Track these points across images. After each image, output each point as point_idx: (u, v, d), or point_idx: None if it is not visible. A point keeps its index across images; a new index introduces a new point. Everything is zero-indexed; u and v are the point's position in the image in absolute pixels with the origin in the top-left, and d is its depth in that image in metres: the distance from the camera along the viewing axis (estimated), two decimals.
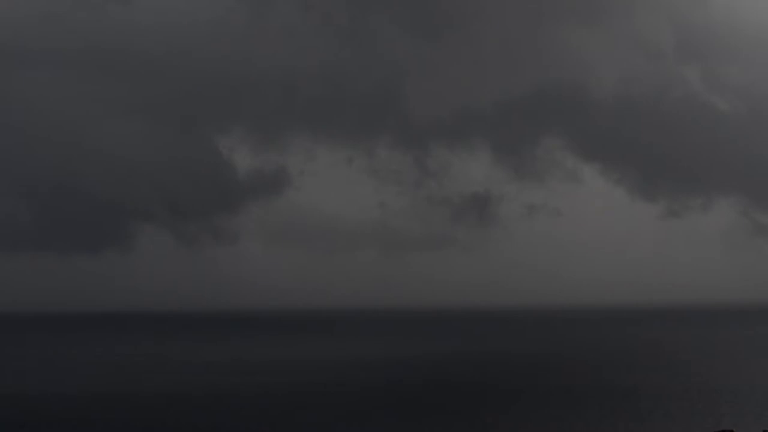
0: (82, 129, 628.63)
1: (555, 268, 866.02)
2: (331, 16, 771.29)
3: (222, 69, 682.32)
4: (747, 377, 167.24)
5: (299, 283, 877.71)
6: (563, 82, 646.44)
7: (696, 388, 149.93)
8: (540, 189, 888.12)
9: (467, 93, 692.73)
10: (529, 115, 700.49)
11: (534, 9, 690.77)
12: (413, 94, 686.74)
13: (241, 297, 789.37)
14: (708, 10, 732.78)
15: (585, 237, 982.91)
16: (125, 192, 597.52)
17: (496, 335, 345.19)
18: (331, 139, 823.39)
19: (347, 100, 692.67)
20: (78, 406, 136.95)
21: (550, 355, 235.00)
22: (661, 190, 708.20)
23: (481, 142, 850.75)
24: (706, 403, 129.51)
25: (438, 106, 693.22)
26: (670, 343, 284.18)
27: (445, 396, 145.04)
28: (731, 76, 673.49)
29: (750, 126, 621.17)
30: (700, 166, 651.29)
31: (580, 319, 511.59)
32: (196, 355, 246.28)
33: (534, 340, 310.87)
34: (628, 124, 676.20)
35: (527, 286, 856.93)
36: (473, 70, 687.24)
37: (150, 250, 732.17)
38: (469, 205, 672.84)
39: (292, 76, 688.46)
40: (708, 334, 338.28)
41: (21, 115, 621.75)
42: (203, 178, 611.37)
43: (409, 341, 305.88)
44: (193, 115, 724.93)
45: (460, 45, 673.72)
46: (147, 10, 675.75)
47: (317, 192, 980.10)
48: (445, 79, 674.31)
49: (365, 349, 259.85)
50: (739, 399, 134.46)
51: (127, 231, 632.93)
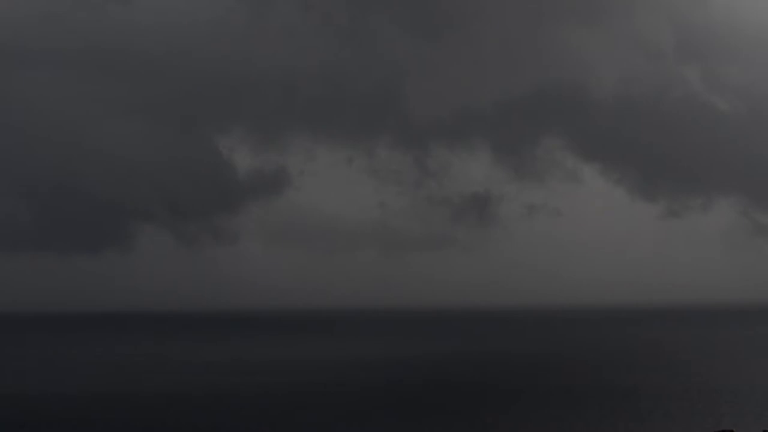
0: (82, 129, 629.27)
1: (555, 268, 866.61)
2: (331, 16, 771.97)
3: (222, 69, 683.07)
4: (747, 377, 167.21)
5: (299, 283, 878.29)
6: (563, 82, 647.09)
7: (696, 388, 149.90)
8: (540, 189, 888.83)
9: (467, 93, 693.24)
10: (529, 115, 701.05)
11: (534, 9, 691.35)
12: (413, 94, 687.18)
13: (241, 297, 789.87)
14: (708, 10, 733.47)
15: (585, 237, 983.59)
16: (125, 192, 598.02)
17: (496, 335, 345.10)
18: (331, 139, 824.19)
19: (347, 100, 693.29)
20: (78, 406, 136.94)
21: (550, 355, 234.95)
22: (661, 190, 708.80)
23: (481, 142, 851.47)
24: (706, 403, 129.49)
25: (438, 106, 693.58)
26: (670, 343, 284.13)
27: (445, 396, 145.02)
28: (731, 76, 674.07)
29: (750, 126, 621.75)
30: (700, 166, 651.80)
31: (580, 319, 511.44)
32: (196, 355, 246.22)
33: (534, 340, 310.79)
34: (628, 124, 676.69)
35: (527, 286, 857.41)
36: (473, 70, 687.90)
37: (150, 250, 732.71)
38: (469, 205, 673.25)
39: (292, 76, 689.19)
40: (708, 334, 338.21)
41: (21, 115, 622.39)
42: (203, 178, 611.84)
43: (409, 341, 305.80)
44: (193, 115, 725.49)
45: (460, 45, 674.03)
46: (147, 10, 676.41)
47: (317, 192, 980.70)
48: (445, 79, 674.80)
49: (365, 349, 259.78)
50: (739, 399, 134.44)
51: (127, 231, 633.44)
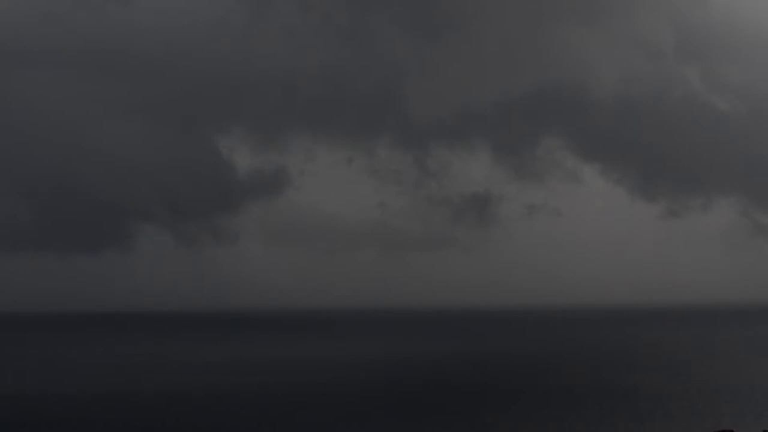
0: (82, 129, 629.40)
1: (555, 268, 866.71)
2: (331, 16, 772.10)
3: (222, 69, 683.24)
4: (747, 377, 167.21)
5: (299, 283, 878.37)
6: (563, 82, 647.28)
7: (696, 388, 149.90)
8: (540, 189, 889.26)
9: (467, 93, 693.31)
10: (529, 115, 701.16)
11: (534, 9, 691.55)
12: (413, 94, 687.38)
13: (241, 297, 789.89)
14: (708, 10, 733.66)
15: (585, 237, 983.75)
16: (125, 192, 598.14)
17: (496, 335, 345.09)
18: (331, 139, 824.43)
19: (347, 100, 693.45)
20: (78, 406, 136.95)
21: (550, 355, 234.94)
22: (661, 190, 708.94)
23: (481, 142, 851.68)
24: (706, 403, 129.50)
25: (438, 106, 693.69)
26: (670, 343, 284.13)
27: (445, 396, 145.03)
28: (731, 76, 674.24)
29: (750, 126, 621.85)
30: (700, 166, 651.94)
31: (580, 319, 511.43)
32: (196, 355, 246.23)
33: (534, 340, 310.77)
34: (628, 124, 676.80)
35: (527, 286, 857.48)
36: (473, 70, 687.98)
37: (150, 250, 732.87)
38: (469, 205, 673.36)
39: (292, 76, 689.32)
40: (708, 334, 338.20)
41: (21, 115, 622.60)
42: (203, 178, 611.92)
43: (409, 341, 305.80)
44: (193, 115, 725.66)
45: (460, 45, 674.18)
46: (147, 10, 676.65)
47: (317, 192, 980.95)
48: (445, 79, 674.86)
49: (365, 349, 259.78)
50: (739, 399, 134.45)
51: (127, 231, 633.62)
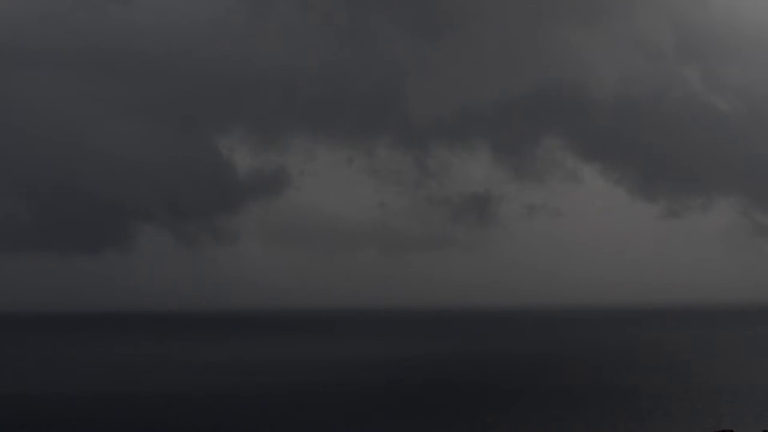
0: (82, 129, 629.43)
1: (555, 268, 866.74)
2: (331, 16, 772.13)
3: (222, 69, 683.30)
4: (747, 377, 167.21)
5: (299, 283, 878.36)
6: (563, 82, 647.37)
7: (696, 388, 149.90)
8: (540, 189, 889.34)
9: (467, 93, 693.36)
10: (529, 115, 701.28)
11: (534, 9, 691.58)
12: (413, 94, 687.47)
13: (241, 297, 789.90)
14: (708, 10, 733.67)
15: (585, 237, 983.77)
16: (125, 192, 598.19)
17: (496, 335, 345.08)
18: (331, 139, 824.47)
19: (347, 100, 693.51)
20: (78, 406, 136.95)
21: (550, 355, 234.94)
22: (661, 190, 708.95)
23: (481, 142, 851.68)
24: (706, 403, 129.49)
25: (438, 106, 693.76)
26: (670, 343, 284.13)
27: (445, 396, 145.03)
28: (731, 76, 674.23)
29: (750, 126, 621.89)
30: (700, 166, 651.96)
31: (580, 319, 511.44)
32: (196, 355, 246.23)
33: (534, 340, 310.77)
34: (628, 124, 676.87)
35: (527, 286, 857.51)
36: (473, 70, 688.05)
37: (150, 250, 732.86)
38: (469, 205, 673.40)
39: (292, 76, 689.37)
40: (708, 334, 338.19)
41: (21, 115, 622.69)
42: (203, 178, 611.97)
43: (409, 341, 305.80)
44: (193, 115, 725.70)
45: (460, 45, 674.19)
46: (147, 10, 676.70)
47: (317, 192, 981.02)
48: (445, 79, 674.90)
49: (365, 349, 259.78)
50: (739, 399, 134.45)
51: (127, 231, 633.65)
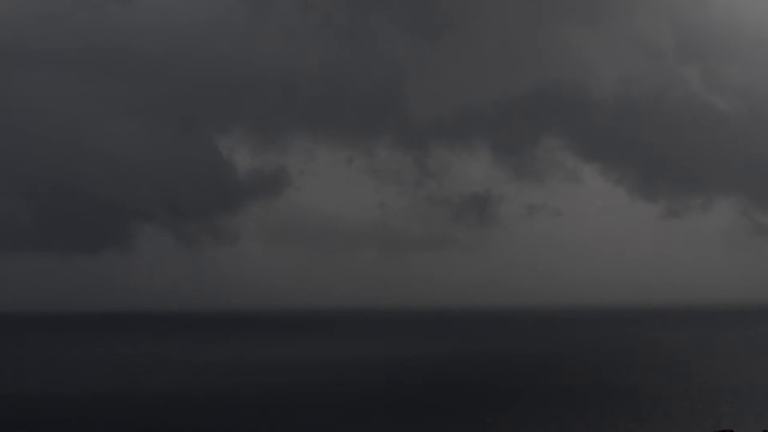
0: (82, 129, 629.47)
1: (555, 268, 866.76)
2: (331, 16, 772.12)
3: (222, 69, 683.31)
4: (747, 377, 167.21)
5: (299, 283, 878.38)
6: (563, 82, 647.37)
7: (696, 388, 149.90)
8: (540, 189, 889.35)
9: (467, 93, 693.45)
10: (529, 115, 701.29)
11: (534, 9, 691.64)
12: (413, 94, 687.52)
13: (241, 297, 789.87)
14: (708, 10, 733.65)
15: (585, 237, 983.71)
16: (125, 192, 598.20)
17: (496, 335, 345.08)
18: (331, 139, 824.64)
19: (347, 100, 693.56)
20: (78, 406, 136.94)
21: (550, 355, 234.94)
22: (661, 190, 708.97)
23: (481, 142, 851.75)
24: (706, 403, 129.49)
25: (438, 106, 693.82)
26: (670, 343, 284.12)
27: (445, 396, 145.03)
28: (731, 76, 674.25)
29: (750, 126, 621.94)
30: (700, 166, 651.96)
31: (580, 319, 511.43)
32: (196, 355, 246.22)
33: (534, 340, 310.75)
34: (628, 124, 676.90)
35: (527, 286, 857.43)
36: (473, 70, 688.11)
37: (150, 250, 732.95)
38: (469, 205, 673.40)
39: (292, 76, 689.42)
40: (708, 334, 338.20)
41: (21, 115, 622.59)
42: (203, 178, 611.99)
43: (409, 341, 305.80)
44: (193, 115, 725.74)
45: (460, 45, 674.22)
46: (147, 10, 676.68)
47: (317, 192, 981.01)
48: (445, 79, 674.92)
49: (365, 349, 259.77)
50: (739, 399, 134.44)
51: (127, 231, 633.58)
